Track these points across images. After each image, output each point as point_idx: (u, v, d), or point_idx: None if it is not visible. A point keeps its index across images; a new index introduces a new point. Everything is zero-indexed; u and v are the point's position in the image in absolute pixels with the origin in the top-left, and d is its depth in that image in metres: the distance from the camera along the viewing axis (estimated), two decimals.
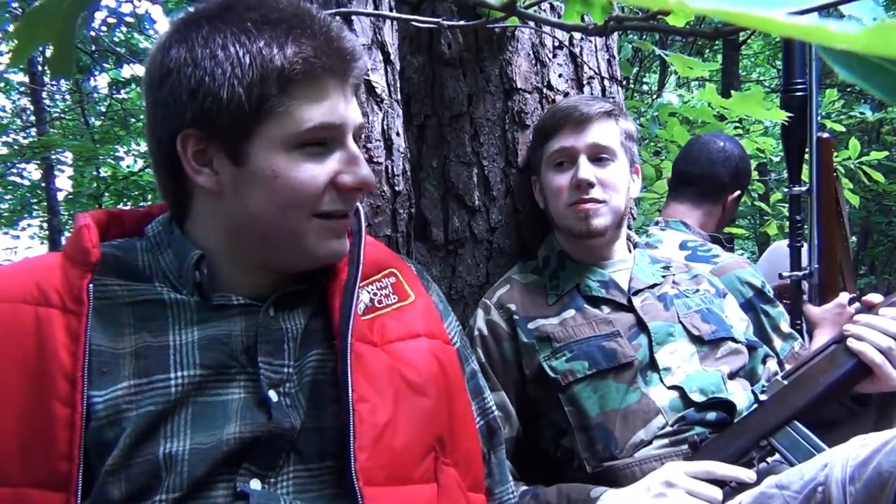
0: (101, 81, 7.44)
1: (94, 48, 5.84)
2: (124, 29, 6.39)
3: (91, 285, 0.89)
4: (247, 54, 0.87)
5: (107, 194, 7.26)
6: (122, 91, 7.05)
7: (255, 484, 0.86)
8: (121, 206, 7.56)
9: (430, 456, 0.95)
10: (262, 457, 0.87)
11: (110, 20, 6.01)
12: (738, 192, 2.16)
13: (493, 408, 1.19)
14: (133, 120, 7.10)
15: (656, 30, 0.71)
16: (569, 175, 1.49)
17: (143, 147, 7.66)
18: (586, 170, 1.47)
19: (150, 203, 7.27)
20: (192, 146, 0.91)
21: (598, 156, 1.49)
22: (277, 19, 0.88)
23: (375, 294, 1.04)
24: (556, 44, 1.73)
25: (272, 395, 0.90)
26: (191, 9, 0.95)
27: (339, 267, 0.99)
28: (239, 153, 0.90)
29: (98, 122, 7.19)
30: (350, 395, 0.89)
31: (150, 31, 6.71)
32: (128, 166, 7.95)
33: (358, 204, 1.06)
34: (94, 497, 0.81)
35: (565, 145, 1.49)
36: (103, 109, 7.07)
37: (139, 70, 6.25)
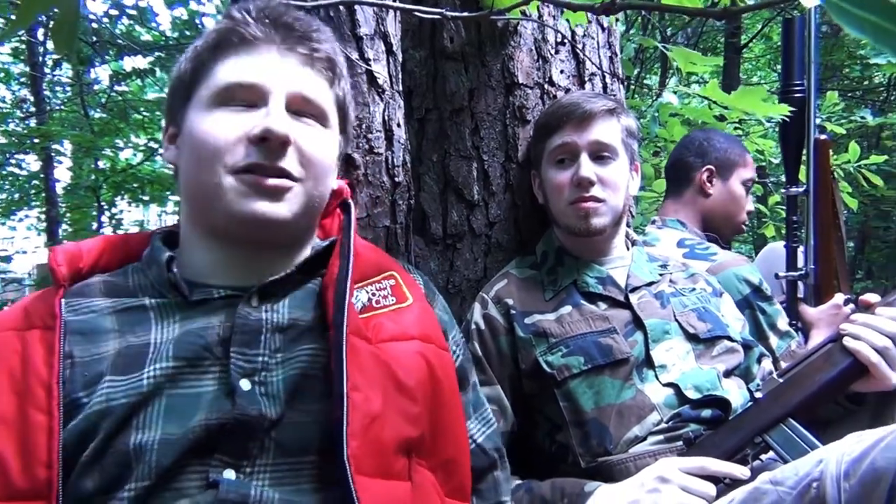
0: (102, 73, 7.42)
1: (95, 39, 5.83)
2: (126, 21, 6.37)
3: (63, 300, 0.95)
4: (198, 40, 1.03)
5: (105, 186, 7.24)
6: (123, 83, 7.03)
7: (230, 474, 0.85)
8: (118, 198, 7.55)
9: (404, 455, 0.95)
10: (232, 445, 0.87)
11: (112, 12, 6.00)
12: (707, 167, 2.13)
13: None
14: (133, 113, 7.08)
15: (662, 9, 0.71)
16: (570, 172, 1.49)
17: (143, 140, 7.65)
18: (587, 168, 1.47)
19: (147, 197, 7.28)
20: (169, 131, 1.06)
21: (600, 154, 1.49)
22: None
23: (374, 295, 1.04)
24: (559, 39, 1.73)
25: (244, 383, 0.90)
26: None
27: (332, 261, 1.01)
28: (179, 121, 1.02)
29: (98, 115, 7.17)
30: (345, 383, 0.89)
31: (151, 24, 6.70)
32: (126, 159, 7.94)
33: (348, 199, 1.09)
34: (70, 491, 0.83)
35: (567, 142, 1.50)
36: (103, 101, 7.05)
37: (140, 63, 6.25)
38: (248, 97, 0.98)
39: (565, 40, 1.74)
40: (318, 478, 0.88)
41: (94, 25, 5.82)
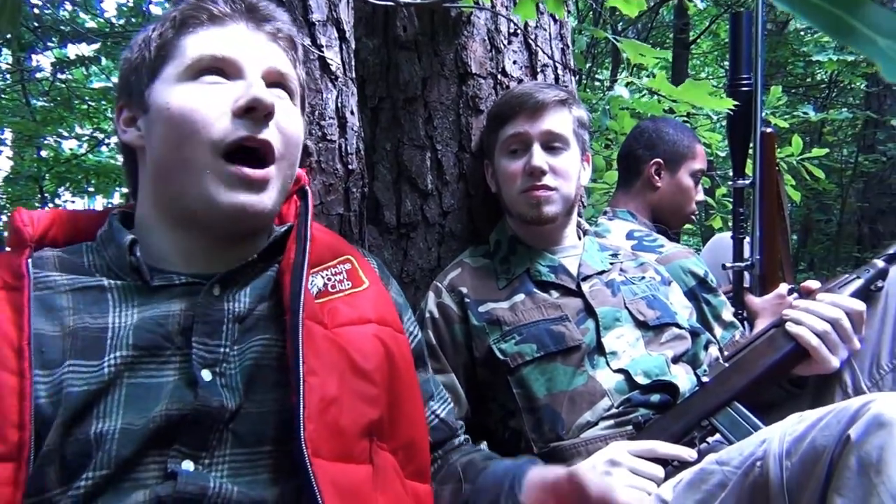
0: (44, 61, 7.19)
1: (37, 25, 5.65)
2: (69, 6, 6.19)
3: (30, 260, 0.92)
4: (157, 23, 1.00)
5: (48, 176, 7.04)
6: (66, 71, 6.83)
7: (188, 465, 0.84)
8: (62, 189, 7.34)
9: (366, 437, 0.95)
10: (192, 437, 0.86)
11: None
12: (655, 161, 2.16)
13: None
14: (77, 101, 6.88)
15: None
16: (522, 161, 1.51)
17: (87, 130, 7.44)
18: (539, 157, 1.49)
19: (92, 188, 7.09)
20: (124, 115, 1.02)
21: (552, 143, 1.51)
22: None
23: (330, 279, 1.04)
24: (512, 30, 1.74)
25: (205, 374, 0.89)
26: None
27: (288, 247, 1.00)
28: (145, 100, 0.98)
29: (40, 103, 6.95)
30: (301, 367, 0.88)
31: (96, 10, 6.52)
32: (70, 149, 7.72)
33: (306, 186, 1.08)
34: (32, 481, 0.80)
35: (519, 131, 1.51)
36: (47, 90, 6.83)
37: (85, 50, 6.07)
38: (219, 68, 0.97)
39: (518, 31, 1.75)
40: (274, 468, 0.88)
41: (36, 11, 5.64)
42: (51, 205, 7.42)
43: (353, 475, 0.90)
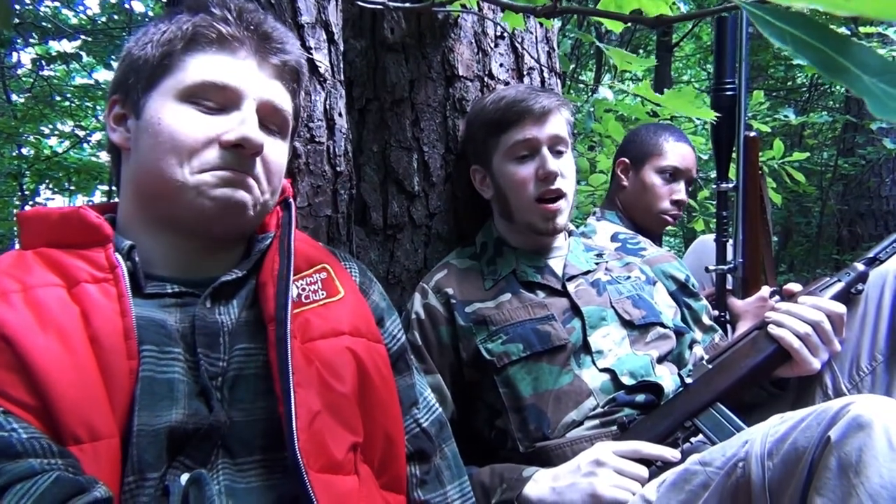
0: (24, 58, 7.11)
1: (18, 21, 5.59)
2: (50, 3, 6.13)
3: (116, 253, 0.93)
4: (169, 25, 0.99)
5: (28, 174, 6.96)
6: (48, 68, 6.75)
7: (185, 479, 0.84)
8: (42, 186, 7.26)
9: (350, 450, 0.96)
10: (199, 451, 0.87)
11: None
12: (621, 160, 2.23)
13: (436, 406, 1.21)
14: (59, 98, 6.82)
15: (601, 14, 0.74)
16: (532, 167, 1.51)
17: (68, 127, 7.37)
18: (553, 162, 1.50)
19: (73, 186, 7.02)
20: (115, 110, 1.02)
21: (557, 147, 1.52)
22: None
23: (304, 290, 1.03)
24: (498, 33, 1.75)
25: (212, 386, 0.90)
26: None
27: (270, 258, 1.00)
28: (139, 106, 0.98)
29: (21, 100, 6.86)
30: (291, 378, 0.89)
31: (78, 7, 6.47)
32: (51, 147, 7.64)
33: (290, 198, 1.09)
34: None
35: (529, 137, 1.51)
36: (26, 87, 6.75)
37: (67, 46, 6.01)
38: (220, 99, 0.97)
39: (504, 34, 1.76)
40: (266, 477, 0.89)
41: (17, 6, 5.58)
42: (31, 202, 7.34)
43: (342, 486, 0.91)
